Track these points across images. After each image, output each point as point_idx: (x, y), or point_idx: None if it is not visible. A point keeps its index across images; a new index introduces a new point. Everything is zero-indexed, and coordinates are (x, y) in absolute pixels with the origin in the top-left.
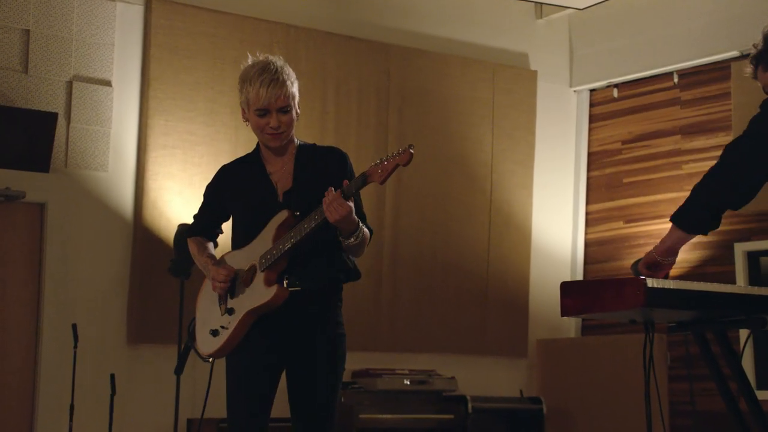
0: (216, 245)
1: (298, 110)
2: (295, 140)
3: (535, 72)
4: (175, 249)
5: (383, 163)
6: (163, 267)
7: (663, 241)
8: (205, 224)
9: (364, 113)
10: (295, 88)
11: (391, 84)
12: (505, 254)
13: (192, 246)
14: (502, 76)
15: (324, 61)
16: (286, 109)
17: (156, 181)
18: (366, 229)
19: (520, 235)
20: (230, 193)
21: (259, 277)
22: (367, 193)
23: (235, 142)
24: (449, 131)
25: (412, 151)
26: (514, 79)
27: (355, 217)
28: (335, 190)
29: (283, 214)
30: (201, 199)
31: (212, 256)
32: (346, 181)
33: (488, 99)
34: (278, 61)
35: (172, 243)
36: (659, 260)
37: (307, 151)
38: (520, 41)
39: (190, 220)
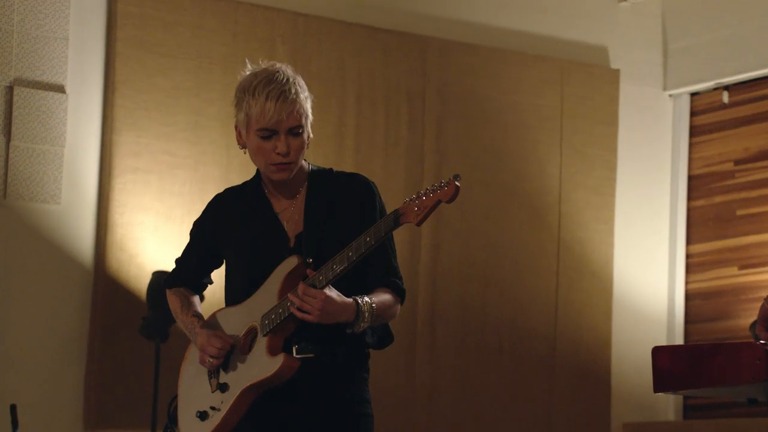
0: (202, 299)
1: (311, 134)
2: (306, 165)
3: (617, 71)
4: (148, 303)
5: (420, 199)
6: (132, 327)
7: None
8: (190, 272)
9: (394, 127)
10: (308, 105)
11: (428, 89)
12: (578, 309)
13: (173, 300)
14: (573, 77)
15: (342, 61)
16: (297, 131)
17: (124, 215)
18: (378, 297)
19: (599, 284)
20: (225, 232)
21: (261, 343)
22: (397, 232)
23: (227, 164)
24: (504, 150)
25: (457, 183)
26: (590, 81)
27: (345, 302)
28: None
29: (291, 261)
30: (184, 239)
31: (199, 315)
32: (310, 270)
33: (555, 107)
34: (287, 69)
35: (144, 296)
36: None
37: (322, 179)
38: (597, 32)
39: (168, 266)
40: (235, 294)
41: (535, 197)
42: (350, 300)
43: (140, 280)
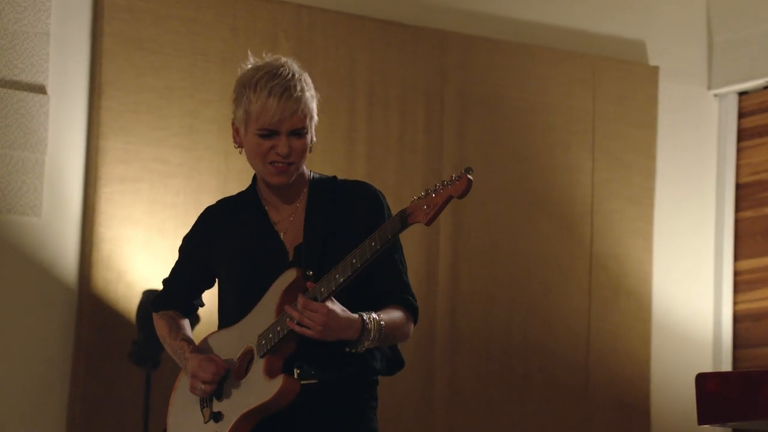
0: (198, 320)
1: (315, 137)
2: (307, 173)
3: (656, 68)
4: (138, 326)
5: (430, 196)
6: (121, 352)
7: None
8: (179, 294)
9: (409, 132)
10: (314, 105)
11: (447, 89)
12: (613, 332)
13: (160, 325)
14: (608, 75)
15: (352, 58)
16: (300, 132)
17: (111, 229)
18: (387, 314)
19: (636, 304)
20: (217, 248)
21: (258, 365)
22: (409, 243)
23: (225, 173)
24: (531, 156)
25: (470, 176)
26: (626, 80)
27: (349, 317)
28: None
29: (290, 275)
30: (175, 256)
31: (189, 340)
32: (309, 283)
33: (587, 108)
34: (293, 65)
35: (133, 318)
36: None
37: (324, 188)
38: (634, 25)
39: (160, 285)
40: (228, 315)
41: (566, 208)
42: (355, 316)
43: (129, 300)
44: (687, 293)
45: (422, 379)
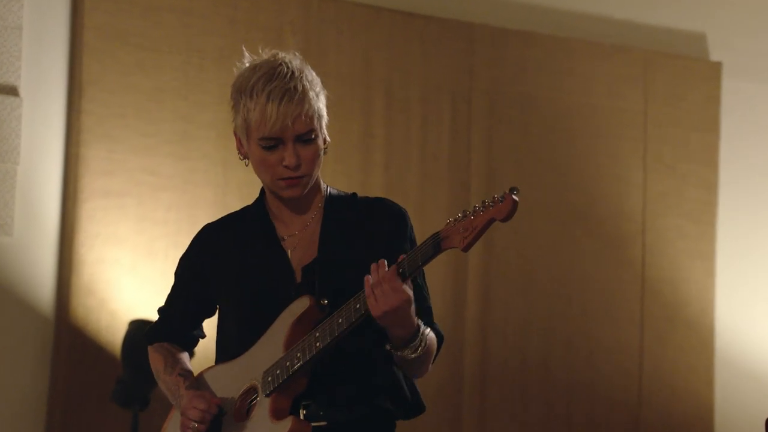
0: (192, 355)
1: (328, 137)
2: (323, 186)
3: (719, 65)
4: (124, 362)
5: (468, 218)
6: (104, 392)
7: None
8: (175, 324)
9: (433, 136)
10: (321, 102)
11: (475, 89)
12: (669, 370)
13: (155, 359)
14: (661, 72)
15: (368, 55)
16: (308, 137)
17: (93, 250)
18: (432, 333)
19: (696, 337)
20: (217, 271)
21: (263, 405)
22: (434, 265)
23: (223, 184)
24: (572, 165)
25: (515, 197)
26: (683, 77)
27: (413, 313)
28: (387, 264)
29: (302, 303)
30: (170, 279)
31: (186, 375)
32: (402, 256)
33: (638, 110)
34: (293, 60)
35: (118, 352)
36: None
37: (341, 204)
38: (692, 15)
39: (149, 314)
40: (229, 348)
41: (612, 226)
42: (415, 318)
43: (113, 332)
44: (753, 323)
45: (447, 422)
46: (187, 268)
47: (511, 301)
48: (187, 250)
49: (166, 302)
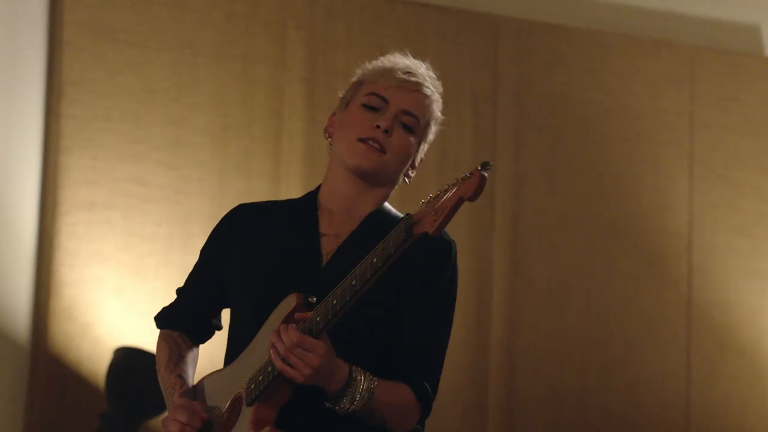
0: (205, 337)
1: (418, 159)
2: (386, 203)
3: None
4: (109, 395)
5: (439, 199)
6: (85, 428)
7: None
8: (193, 307)
9: (453, 143)
10: (433, 125)
11: (500, 89)
12: (720, 404)
13: (161, 348)
14: (710, 69)
15: (380, 51)
16: (410, 124)
17: (74, 269)
18: (396, 392)
19: (750, 367)
20: (239, 254)
21: (245, 415)
22: (459, 291)
23: (219, 196)
24: (608, 173)
25: (484, 173)
26: (734, 75)
27: (338, 363)
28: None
29: (289, 301)
30: (160, 301)
31: (185, 378)
32: (299, 314)
33: (683, 113)
34: (426, 70)
35: (102, 384)
36: None
37: (386, 219)
38: (743, 4)
39: (136, 341)
40: (235, 349)
41: (654, 242)
42: (342, 361)
43: (97, 360)
44: None
45: None
46: (211, 246)
47: (540, 327)
48: (215, 227)
49: (186, 282)
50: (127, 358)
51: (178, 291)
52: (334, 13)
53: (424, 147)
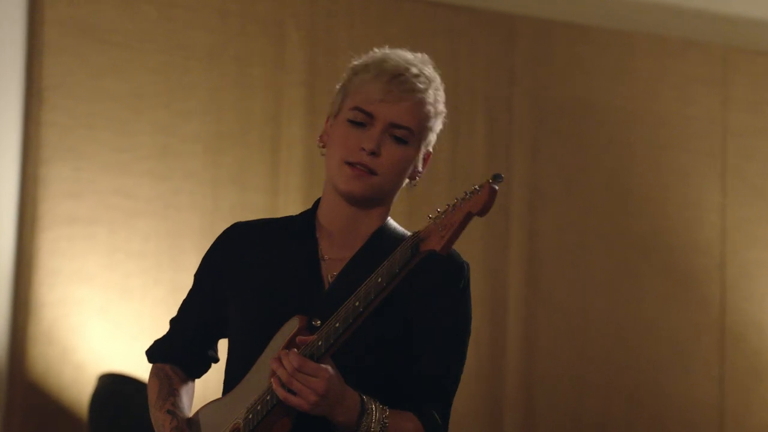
0: (201, 371)
1: (421, 167)
2: (389, 218)
3: None
4: (91, 425)
5: (448, 214)
6: None
7: None
8: (187, 338)
9: (465, 151)
10: (435, 124)
11: (516, 93)
12: (755, 429)
13: (151, 384)
14: (743, 71)
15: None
16: (402, 135)
17: (55, 289)
18: (406, 421)
19: None
20: (235, 277)
21: None
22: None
23: (212, 210)
24: (634, 185)
25: (494, 186)
26: None
27: (347, 390)
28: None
29: (292, 324)
30: (148, 324)
31: (174, 412)
32: (298, 318)
33: (715, 119)
34: (427, 68)
35: (85, 413)
36: None
37: (391, 239)
38: None
39: (121, 367)
40: (233, 377)
41: (684, 259)
42: (352, 391)
43: (79, 388)
44: None
45: None
46: (205, 272)
47: (560, 352)
48: (209, 251)
49: (179, 311)
50: (111, 385)
51: (172, 322)
52: (336, 12)
53: (428, 147)
